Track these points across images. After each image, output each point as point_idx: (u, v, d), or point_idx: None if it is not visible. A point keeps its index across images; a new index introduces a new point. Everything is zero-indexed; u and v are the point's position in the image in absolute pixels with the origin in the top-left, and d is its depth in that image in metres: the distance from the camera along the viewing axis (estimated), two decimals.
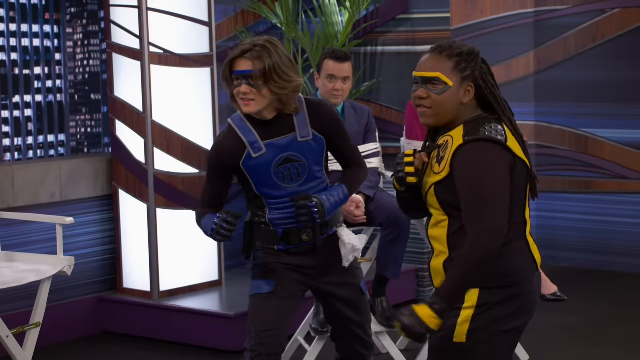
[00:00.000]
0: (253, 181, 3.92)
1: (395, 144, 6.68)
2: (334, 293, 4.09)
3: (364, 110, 5.52)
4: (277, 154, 3.90)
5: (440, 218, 3.19)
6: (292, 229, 3.96)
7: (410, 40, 7.02)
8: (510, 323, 3.17)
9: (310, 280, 4.05)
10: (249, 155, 3.89)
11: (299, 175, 3.93)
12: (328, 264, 4.05)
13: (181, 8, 6.13)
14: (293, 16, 6.96)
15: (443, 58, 3.20)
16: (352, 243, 4.04)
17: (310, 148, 3.94)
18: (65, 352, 5.88)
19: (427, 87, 3.20)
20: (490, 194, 3.07)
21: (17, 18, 8.98)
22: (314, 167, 3.96)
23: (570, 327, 6.16)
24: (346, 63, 5.31)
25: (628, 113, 7.47)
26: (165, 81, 6.09)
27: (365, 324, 4.19)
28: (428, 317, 3.05)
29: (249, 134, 3.91)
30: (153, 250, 6.08)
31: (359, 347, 4.22)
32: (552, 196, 7.81)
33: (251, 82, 3.81)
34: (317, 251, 4.02)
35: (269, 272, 3.99)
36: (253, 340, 3.93)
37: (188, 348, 5.86)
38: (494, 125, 3.15)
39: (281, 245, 3.98)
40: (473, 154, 3.10)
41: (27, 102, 9.40)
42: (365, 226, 5.39)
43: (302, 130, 3.92)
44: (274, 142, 3.90)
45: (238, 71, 3.83)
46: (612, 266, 7.56)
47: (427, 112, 3.21)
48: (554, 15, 7.70)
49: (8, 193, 5.77)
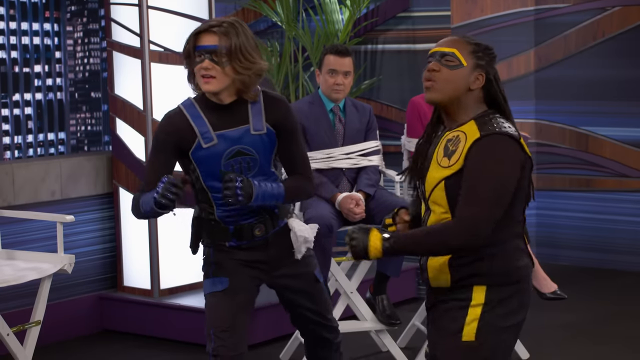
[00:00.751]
0: (200, 172, 3.82)
1: (395, 142, 6.68)
2: (288, 285, 4.02)
3: (365, 108, 5.52)
4: (228, 145, 3.78)
5: (443, 215, 3.18)
6: (243, 225, 3.86)
7: (411, 39, 7.02)
8: (512, 319, 3.19)
9: (264, 275, 3.97)
10: (199, 145, 3.78)
11: (249, 169, 3.82)
12: (280, 256, 3.96)
13: (181, 6, 6.13)
14: (293, 14, 6.96)
15: (462, 41, 3.24)
16: (304, 235, 3.94)
17: (262, 142, 3.82)
18: (66, 350, 5.88)
19: (441, 62, 3.21)
20: (498, 189, 3.08)
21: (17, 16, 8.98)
22: (264, 163, 3.85)
23: (571, 326, 6.16)
24: (347, 58, 5.31)
25: (629, 111, 7.47)
26: (166, 79, 6.08)
27: (323, 311, 4.10)
28: (374, 247, 3.11)
29: (200, 122, 3.79)
30: (153, 248, 6.08)
31: (322, 331, 4.14)
32: (552, 194, 7.81)
33: (215, 59, 3.70)
34: (270, 245, 3.93)
35: (221, 269, 3.91)
36: (213, 343, 3.84)
37: (188, 346, 5.86)
38: (503, 121, 3.18)
39: (233, 242, 3.90)
40: (491, 148, 3.10)
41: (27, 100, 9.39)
42: (365, 224, 5.38)
43: (256, 122, 3.81)
44: (226, 133, 3.79)
45: (203, 46, 3.71)
46: (613, 264, 7.56)
47: (434, 86, 3.20)
48: (555, 13, 7.69)
49: (8, 191, 5.77)
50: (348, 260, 5.56)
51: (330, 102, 5.38)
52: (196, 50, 3.73)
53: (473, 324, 3.14)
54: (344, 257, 5.54)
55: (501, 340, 3.18)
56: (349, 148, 5.40)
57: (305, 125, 5.32)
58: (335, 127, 5.40)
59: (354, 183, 5.43)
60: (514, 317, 3.19)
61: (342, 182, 5.40)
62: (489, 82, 3.23)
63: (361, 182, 5.37)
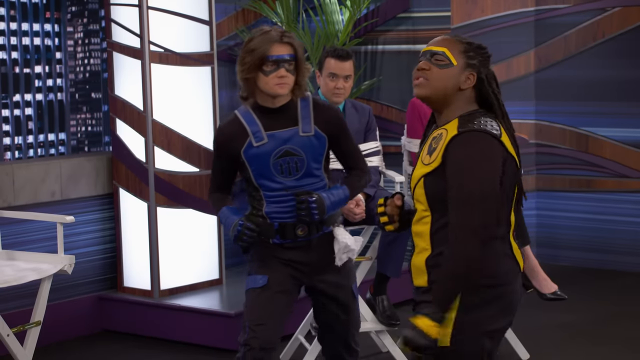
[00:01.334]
0: (252, 170, 3.98)
1: (395, 142, 6.68)
2: (326, 292, 4.11)
3: (365, 109, 5.51)
4: (277, 145, 3.96)
5: (424, 213, 3.15)
6: (287, 223, 3.99)
7: (411, 39, 7.02)
8: (494, 324, 3.11)
9: (304, 277, 4.08)
10: (250, 144, 3.96)
11: (297, 170, 3.98)
12: (322, 262, 4.07)
13: (182, 7, 6.13)
14: (293, 15, 6.96)
15: (454, 40, 3.23)
16: (346, 242, 4.05)
17: (310, 144, 3.99)
18: (66, 351, 5.88)
19: (431, 60, 3.20)
20: (482, 187, 3.03)
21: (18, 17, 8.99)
22: (312, 164, 4.00)
23: (571, 326, 6.16)
24: (348, 61, 5.31)
25: (629, 112, 7.47)
26: (166, 80, 6.08)
27: (353, 328, 4.19)
28: (428, 327, 3.00)
29: (252, 122, 3.99)
30: (153, 248, 6.08)
31: (344, 351, 4.23)
32: (552, 195, 7.81)
33: (288, 67, 3.94)
34: (312, 248, 4.05)
35: (263, 266, 4.03)
36: (246, 335, 3.97)
37: (188, 347, 5.86)
38: (489, 120, 3.13)
39: (276, 239, 4.01)
40: (467, 145, 3.07)
41: (28, 100, 9.39)
42: (365, 225, 5.39)
43: (305, 125, 3.99)
44: (276, 133, 3.98)
45: (279, 56, 3.92)
46: (613, 265, 7.56)
47: (423, 83, 3.20)
48: (555, 14, 7.69)
49: (8, 192, 5.77)
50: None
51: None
52: (268, 59, 3.92)
53: (447, 329, 3.07)
54: None
55: (478, 345, 3.10)
56: None
57: None
58: None
59: None
60: (494, 323, 3.11)
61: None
62: (480, 81, 3.20)
63: (363, 189, 5.36)
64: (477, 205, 3.02)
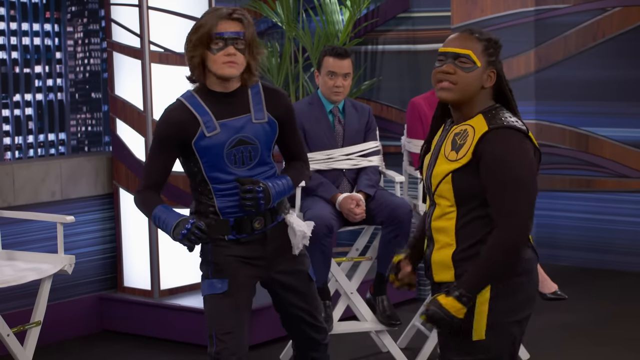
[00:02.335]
0: (203, 163, 3.83)
1: (395, 142, 6.68)
2: (282, 282, 4.02)
3: (365, 109, 5.52)
4: (231, 134, 3.81)
5: (448, 209, 3.17)
6: (243, 218, 3.87)
7: (411, 39, 7.02)
8: (521, 313, 3.18)
9: (261, 272, 3.97)
10: (202, 134, 3.80)
11: (250, 159, 3.85)
12: (278, 252, 3.97)
13: (181, 6, 6.13)
14: (293, 15, 6.96)
15: (474, 39, 3.20)
16: (303, 230, 3.96)
17: (264, 131, 3.87)
18: (66, 351, 5.88)
19: (456, 64, 3.17)
20: (522, 182, 3.09)
21: (18, 17, 8.98)
22: (265, 152, 3.88)
23: (571, 326, 6.16)
24: (346, 60, 5.31)
25: (629, 112, 7.47)
26: (166, 80, 6.08)
27: (313, 311, 4.12)
28: (456, 309, 3.05)
29: (202, 111, 3.82)
30: (154, 248, 6.08)
31: (311, 331, 4.15)
32: (552, 195, 7.81)
33: (236, 45, 3.76)
34: (268, 240, 3.94)
35: (220, 270, 3.91)
36: (215, 346, 3.84)
37: (188, 347, 5.86)
38: (509, 115, 3.18)
39: (232, 235, 3.89)
40: (503, 141, 3.11)
41: (28, 100, 9.39)
42: (365, 224, 5.39)
43: (258, 112, 3.86)
44: (228, 122, 3.82)
45: (225, 32, 3.75)
46: (613, 265, 7.56)
47: (450, 87, 3.17)
48: (555, 14, 7.69)
49: (9, 192, 5.77)
50: (348, 260, 5.56)
51: (329, 103, 5.38)
52: (215, 36, 3.75)
53: (482, 322, 3.11)
54: (344, 258, 5.54)
55: (511, 335, 3.16)
56: (348, 149, 5.40)
57: (305, 127, 5.32)
58: (334, 128, 5.40)
59: (354, 184, 5.43)
60: (522, 311, 3.17)
61: (342, 182, 5.40)
62: (499, 77, 3.23)
63: (361, 183, 5.37)
64: (525, 194, 3.09)
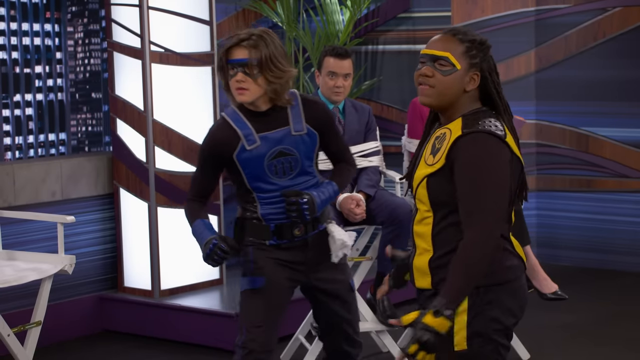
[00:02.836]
0: (245, 174, 3.93)
1: (396, 142, 6.68)
2: (324, 289, 4.08)
3: (365, 109, 5.52)
4: (271, 146, 3.91)
5: (426, 214, 3.12)
6: (284, 224, 3.96)
7: (411, 39, 7.02)
8: (507, 320, 3.09)
9: (301, 276, 4.05)
10: (243, 148, 3.90)
11: (291, 169, 3.95)
12: (318, 259, 4.04)
13: (182, 7, 6.13)
14: (294, 15, 6.97)
15: (455, 40, 3.12)
16: (342, 239, 4.04)
17: (303, 142, 3.96)
18: (66, 351, 5.88)
19: (434, 66, 3.10)
20: (491, 188, 3.01)
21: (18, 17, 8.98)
22: (306, 162, 3.98)
23: (571, 326, 6.16)
24: (347, 60, 5.31)
25: (629, 112, 7.47)
26: (166, 80, 6.09)
27: (354, 321, 4.17)
28: (441, 325, 2.96)
29: (243, 126, 3.92)
30: (154, 248, 6.08)
31: (346, 345, 4.20)
32: (553, 195, 7.81)
33: (247, 71, 3.83)
34: (308, 247, 4.02)
35: (259, 268, 3.98)
36: (244, 336, 3.93)
37: (189, 347, 5.86)
38: (492, 120, 3.08)
39: (273, 240, 3.97)
40: (473, 146, 3.03)
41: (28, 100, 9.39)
42: (366, 225, 5.39)
43: (296, 124, 3.94)
44: (268, 134, 3.92)
45: (234, 60, 3.86)
46: (613, 265, 7.56)
47: (429, 91, 3.11)
48: (555, 14, 7.69)
49: (9, 192, 5.77)
50: (348, 261, 5.56)
51: (330, 103, 5.38)
52: (228, 63, 3.87)
53: (462, 332, 3.05)
54: None
55: (495, 344, 3.08)
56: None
57: None
58: None
59: (355, 184, 5.43)
60: (505, 320, 3.09)
61: None
62: (484, 79, 3.13)
63: (361, 183, 5.37)
64: (490, 197, 3.00)
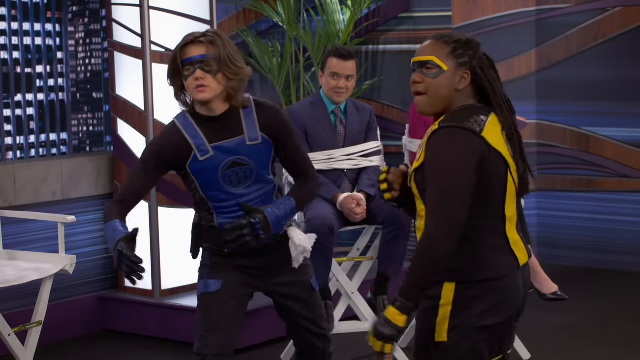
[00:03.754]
0: (199, 183, 3.85)
1: (396, 142, 6.68)
2: (283, 292, 4.03)
3: (366, 109, 5.52)
4: (224, 157, 3.82)
5: (421, 206, 3.13)
6: None
7: (412, 39, 7.02)
8: (490, 319, 3.08)
9: (258, 282, 3.99)
10: (195, 158, 3.81)
11: (246, 178, 3.86)
12: (277, 264, 3.98)
13: (183, 6, 6.13)
14: (295, 15, 6.97)
15: (440, 44, 3.13)
16: (303, 245, 3.97)
17: (259, 151, 3.86)
18: (67, 351, 5.88)
19: (422, 72, 3.13)
20: (446, 180, 2.99)
21: (19, 17, 8.99)
22: (261, 171, 3.88)
23: (572, 326, 6.16)
24: (350, 61, 5.31)
25: (630, 112, 7.47)
26: (167, 80, 6.08)
27: (317, 319, 4.12)
28: (393, 315, 3.03)
29: (195, 135, 3.81)
30: (155, 248, 6.08)
31: (315, 340, 4.15)
32: (553, 195, 7.81)
33: (205, 68, 3.72)
34: (269, 252, 3.95)
35: (216, 272, 3.93)
36: (198, 342, 3.86)
37: (189, 346, 5.84)
38: (481, 116, 3.08)
39: (230, 249, 3.89)
40: (439, 140, 3.04)
41: (29, 100, 9.37)
42: (366, 224, 5.39)
43: (251, 132, 3.84)
44: (222, 144, 3.82)
45: (191, 57, 3.73)
46: (614, 265, 7.56)
47: (422, 100, 3.14)
48: (556, 14, 7.69)
49: (10, 191, 5.77)
50: (349, 260, 5.57)
51: (331, 103, 5.38)
52: (184, 63, 3.76)
53: (444, 324, 3.07)
54: (345, 258, 5.55)
55: (478, 340, 3.08)
56: (349, 149, 5.40)
57: (307, 127, 5.32)
58: (336, 128, 5.40)
59: (355, 184, 5.43)
60: (493, 317, 3.08)
61: (343, 182, 5.40)
62: (476, 76, 3.13)
63: (362, 183, 5.38)
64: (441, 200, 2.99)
